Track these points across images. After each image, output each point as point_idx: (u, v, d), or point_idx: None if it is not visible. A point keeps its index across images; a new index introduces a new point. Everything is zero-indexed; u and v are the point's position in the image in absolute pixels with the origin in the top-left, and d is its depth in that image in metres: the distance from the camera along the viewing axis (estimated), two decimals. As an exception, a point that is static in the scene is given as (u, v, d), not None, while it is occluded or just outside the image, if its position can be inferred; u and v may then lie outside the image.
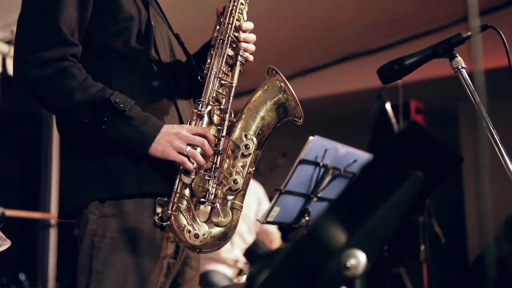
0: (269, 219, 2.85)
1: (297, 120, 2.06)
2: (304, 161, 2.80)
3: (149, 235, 1.90)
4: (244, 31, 2.08)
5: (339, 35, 6.78)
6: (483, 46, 1.23)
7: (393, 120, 4.66)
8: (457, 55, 2.03)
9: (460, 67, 2.00)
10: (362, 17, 6.39)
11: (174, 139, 1.87)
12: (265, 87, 2.05)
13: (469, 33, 1.99)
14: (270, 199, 3.46)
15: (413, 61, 2.08)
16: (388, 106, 4.70)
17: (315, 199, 2.92)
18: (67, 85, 1.83)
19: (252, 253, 1.33)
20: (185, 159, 1.87)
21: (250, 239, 4.59)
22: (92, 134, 1.88)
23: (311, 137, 2.79)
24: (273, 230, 4.92)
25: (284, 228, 3.90)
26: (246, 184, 1.99)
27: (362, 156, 3.00)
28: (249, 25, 2.11)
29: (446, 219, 5.37)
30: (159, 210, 1.90)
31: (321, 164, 2.85)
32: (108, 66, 1.94)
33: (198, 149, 1.90)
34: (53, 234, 5.52)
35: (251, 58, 2.11)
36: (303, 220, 2.94)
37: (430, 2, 6.22)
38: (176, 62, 2.13)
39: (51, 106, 1.93)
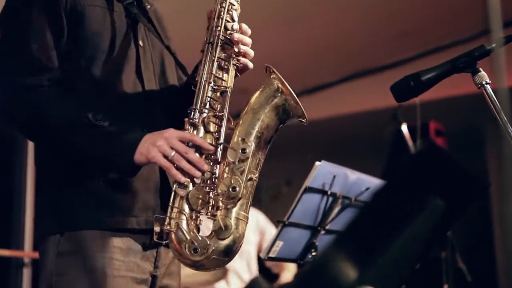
0: (271, 254, 2.84)
1: (302, 120, 2.09)
2: (310, 189, 2.80)
3: (108, 270, 1.96)
4: (239, 32, 2.11)
5: (348, 50, 6.82)
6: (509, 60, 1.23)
7: (410, 143, 4.66)
8: (481, 69, 2.03)
9: (484, 82, 2.00)
10: (372, 32, 6.43)
11: (157, 139, 1.92)
12: (262, 87, 2.10)
13: (493, 45, 1.99)
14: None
15: (430, 76, 2.08)
16: (404, 127, 4.70)
17: (322, 231, 2.91)
18: (44, 109, 1.96)
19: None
20: (170, 164, 1.92)
21: (248, 277, 4.56)
22: (66, 161, 2.02)
23: (317, 163, 2.79)
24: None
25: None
26: (248, 192, 2.02)
27: (375, 183, 2.99)
28: (246, 26, 2.14)
29: (472, 253, 5.34)
30: (157, 228, 1.94)
31: (329, 193, 2.85)
32: (82, 88, 2.04)
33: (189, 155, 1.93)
34: (26, 274, 5.49)
35: (250, 65, 2.15)
36: (309, 256, 2.93)
37: (444, 14, 6.25)
38: (166, 84, 2.20)
39: (30, 132, 2.07)
